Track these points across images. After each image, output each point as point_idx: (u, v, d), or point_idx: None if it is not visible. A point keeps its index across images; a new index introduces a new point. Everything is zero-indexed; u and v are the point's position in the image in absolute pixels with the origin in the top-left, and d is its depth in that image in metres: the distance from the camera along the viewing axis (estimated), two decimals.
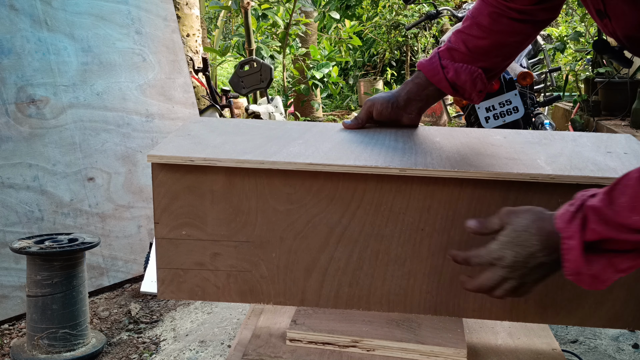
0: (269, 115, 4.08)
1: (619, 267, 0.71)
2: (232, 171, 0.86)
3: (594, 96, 5.03)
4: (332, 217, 0.87)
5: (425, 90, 1.04)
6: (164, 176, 0.88)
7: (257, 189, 0.87)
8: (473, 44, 1.01)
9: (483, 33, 1.01)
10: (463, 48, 1.01)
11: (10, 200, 2.37)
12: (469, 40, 1.01)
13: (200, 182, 0.88)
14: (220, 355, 1.95)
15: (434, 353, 0.92)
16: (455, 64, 1.01)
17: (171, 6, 3.08)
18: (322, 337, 0.95)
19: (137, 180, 2.78)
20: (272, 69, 4.01)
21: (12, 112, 2.44)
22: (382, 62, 8.69)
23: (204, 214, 0.89)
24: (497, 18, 1.00)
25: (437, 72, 1.02)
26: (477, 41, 1.01)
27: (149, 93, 2.90)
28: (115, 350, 2.05)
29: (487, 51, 1.01)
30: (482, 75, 1.02)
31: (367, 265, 0.89)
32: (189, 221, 0.90)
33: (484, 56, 1.02)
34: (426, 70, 1.03)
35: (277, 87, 7.29)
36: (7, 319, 2.27)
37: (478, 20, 1.01)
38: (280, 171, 0.85)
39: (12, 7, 2.49)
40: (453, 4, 7.78)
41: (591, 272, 0.71)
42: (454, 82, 1.02)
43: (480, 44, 1.01)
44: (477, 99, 1.06)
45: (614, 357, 1.79)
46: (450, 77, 1.01)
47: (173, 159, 0.86)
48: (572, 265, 0.71)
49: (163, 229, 0.90)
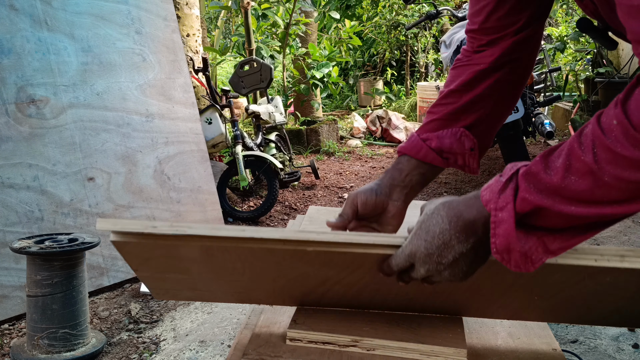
0: (269, 115, 4.08)
1: (550, 247, 0.64)
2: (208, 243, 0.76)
3: (594, 96, 5.03)
4: (326, 273, 0.83)
5: (409, 175, 0.96)
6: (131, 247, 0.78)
7: (240, 257, 0.79)
8: (448, 109, 0.96)
9: (455, 97, 0.96)
10: (438, 116, 0.97)
11: (10, 200, 2.37)
12: (443, 108, 0.97)
13: (174, 250, 0.78)
14: (220, 355, 1.95)
15: (434, 353, 0.92)
16: (435, 133, 0.96)
17: (171, 6, 3.08)
18: (322, 336, 0.95)
19: (137, 180, 2.78)
20: (272, 69, 4.01)
21: (12, 112, 2.44)
22: (382, 62, 8.69)
23: (186, 268, 0.82)
24: (476, 76, 0.96)
25: (420, 148, 0.95)
26: (451, 106, 0.96)
27: (149, 93, 2.90)
28: (115, 350, 2.05)
29: (463, 110, 0.96)
30: (465, 132, 0.96)
31: (366, 294, 0.90)
32: (171, 271, 0.84)
33: (461, 115, 0.96)
34: (408, 149, 0.97)
35: (277, 87, 7.29)
36: (7, 319, 2.27)
37: (451, 87, 0.97)
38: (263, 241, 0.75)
39: (12, 7, 2.49)
40: (453, 4, 7.78)
41: (523, 248, 0.64)
42: (440, 150, 0.95)
43: (455, 107, 0.96)
44: (473, 163, 0.99)
45: (614, 357, 1.79)
46: (434, 146, 0.95)
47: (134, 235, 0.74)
48: (502, 240, 0.64)
49: (144, 273, 0.86)
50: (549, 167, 0.61)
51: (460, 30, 3.78)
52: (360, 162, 5.20)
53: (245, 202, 3.94)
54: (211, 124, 3.51)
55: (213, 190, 3.10)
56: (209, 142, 3.47)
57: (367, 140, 6.06)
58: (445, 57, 3.91)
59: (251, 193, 3.98)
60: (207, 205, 3.04)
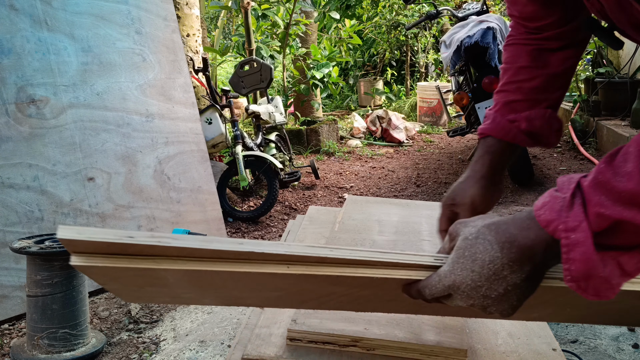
0: (269, 115, 4.08)
1: (626, 268, 0.55)
2: None
3: (594, 96, 5.03)
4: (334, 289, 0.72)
5: (503, 157, 0.94)
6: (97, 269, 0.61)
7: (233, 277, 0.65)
8: (527, 88, 0.94)
9: (530, 74, 0.94)
10: (520, 96, 0.94)
11: (10, 200, 2.37)
12: (521, 87, 0.95)
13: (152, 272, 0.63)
14: (220, 355, 1.95)
15: (434, 353, 0.92)
16: (522, 114, 0.94)
17: (171, 6, 3.08)
18: (322, 336, 0.95)
19: (137, 180, 2.78)
20: (272, 69, 4.01)
21: (12, 112, 2.44)
22: (382, 62, 8.69)
23: (165, 283, 0.67)
24: (537, 55, 0.95)
25: (509, 129, 0.93)
26: (529, 83, 0.94)
27: (149, 93, 2.90)
28: (115, 350, 2.05)
29: (544, 88, 0.95)
30: (553, 114, 0.95)
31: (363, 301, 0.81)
32: (147, 286, 0.70)
33: (543, 96, 0.95)
34: (495, 132, 0.94)
35: (277, 87, 7.29)
36: (7, 319, 2.27)
37: (518, 64, 0.96)
38: None
39: (12, 7, 2.49)
40: (453, 4, 7.79)
41: (604, 273, 0.54)
42: (530, 132, 0.93)
43: (534, 85, 0.94)
44: (555, 140, 0.97)
45: (614, 357, 1.79)
46: (524, 128, 0.93)
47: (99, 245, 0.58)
48: (580, 266, 0.54)
49: (112, 286, 0.72)
50: (617, 174, 0.53)
51: (460, 30, 3.78)
52: (360, 162, 5.20)
53: (245, 202, 3.94)
54: (211, 124, 3.51)
55: (213, 190, 3.10)
56: (209, 142, 3.47)
57: (367, 140, 6.06)
58: (445, 57, 3.91)
59: (251, 193, 3.98)
60: (207, 205, 3.04)
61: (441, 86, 5.66)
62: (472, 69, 3.77)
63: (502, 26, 3.64)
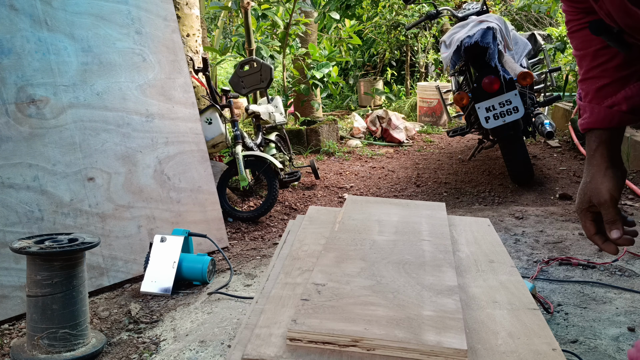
0: (269, 115, 4.08)
1: None
2: None
3: None
4: None
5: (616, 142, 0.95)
6: None
7: None
8: (612, 68, 0.93)
9: (609, 53, 0.93)
10: (608, 79, 0.94)
11: (10, 200, 2.37)
12: (605, 69, 0.94)
13: None
14: (220, 355, 1.95)
15: (434, 353, 0.92)
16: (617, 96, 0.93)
17: (171, 6, 3.08)
18: (322, 336, 0.95)
19: (137, 180, 2.78)
20: (272, 69, 4.01)
21: (12, 112, 2.44)
22: (382, 62, 8.69)
23: None
24: (602, 33, 0.92)
25: (612, 117, 0.93)
26: (611, 63, 0.93)
27: (149, 93, 2.90)
28: (115, 350, 2.05)
29: (627, 63, 0.93)
30: None
31: None
32: None
33: (629, 69, 0.93)
34: (599, 123, 0.94)
35: (277, 87, 7.29)
36: (7, 319, 2.27)
37: (593, 48, 0.95)
38: None
39: (12, 7, 2.49)
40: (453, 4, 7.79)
41: None
42: (633, 110, 0.93)
43: (617, 62, 0.93)
44: None
45: (614, 357, 1.79)
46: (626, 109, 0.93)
47: None
48: None
49: None
50: None
51: (460, 30, 3.77)
52: (360, 162, 5.20)
53: (245, 202, 3.94)
54: (211, 124, 3.51)
55: (213, 190, 3.10)
56: (209, 142, 3.47)
57: (367, 140, 6.06)
58: (445, 57, 3.90)
59: (251, 193, 3.98)
60: (207, 205, 3.04)
61: (441, 86, 5.66)
62: (472, 69, 3.77)
63: (502, 26, 3.64)
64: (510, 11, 7.79)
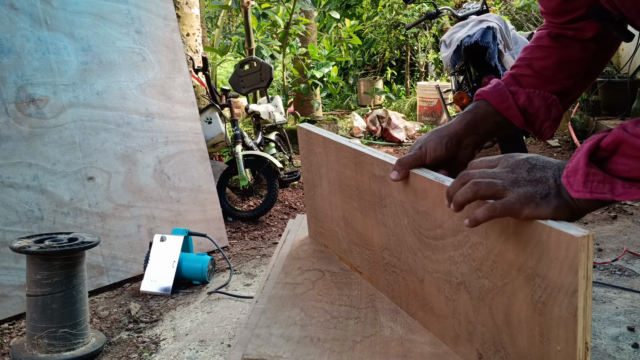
0: (269, 115, 4.08)
1: (617, 191, 0.62)
2: None
3: (593, 96, 5.03)
4: None
5: (485, 124, 0.92)
6: None
7: None
8: (538, 65, 0.93)
9: (546, 52, 0.94)
10: (529, 71, 0.93)
11: (10, 199, 2.37)
12: (533, 62, 0.94)
13: None
14: (220, 354, 1.95)
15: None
16: (525, 89, 0.92)
17: (171, 5, 3.07)
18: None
19: (137, 180, 2.78)
20: (272, 68, 4.01)
21: (12, 112, 2.44)
22: (382, 61, 8.69)
23: None
24: (557, 37, 0.95)
25: (506, 99, 0.91)
26: (541, 62, 0.93)
27: (149, 92, 2.90)
28: (115, 349, 2.05)
29: (555, 71, 0.93)
30: (556, 101, 0.92)
31: None
32: None
33: (552, 77, 0.93)
34: (491, 97, 0.92)
35: (277, 86, 7.29)
36: (7, 318, 2.27)
37: (538, 43, 0.96)
38: None
39: (12, 7, 2.49)
40: (453, 3, 7.79)
41: (589, 170, 0.63)
42: (524, 109, 0.91)
43: (546, 64, 0.93)
44: (549, 131, 0.94)
45: (614, 357, 1.79)
46: (521, 103, 0.91)
47: None
48: (572, 164, 0.64)
49: None
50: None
51: (460, 29, 3.77)
52: None
53: (245, 201, 3.94)
54: (211, 123, 3.51)
55: (213, 190, 3.09)
56: (208, 142, 3.47)
57: (367, 139, 6.06)
58: (445, 56, 3.90)
59: (251, 192, 3.98)
60: (206, 205, 3.04)
61: (441, 86, 5.66)
62: (472, 68, 3.77)
63: (502, 26, 3.64)
64: (510, 11, 7.79)
